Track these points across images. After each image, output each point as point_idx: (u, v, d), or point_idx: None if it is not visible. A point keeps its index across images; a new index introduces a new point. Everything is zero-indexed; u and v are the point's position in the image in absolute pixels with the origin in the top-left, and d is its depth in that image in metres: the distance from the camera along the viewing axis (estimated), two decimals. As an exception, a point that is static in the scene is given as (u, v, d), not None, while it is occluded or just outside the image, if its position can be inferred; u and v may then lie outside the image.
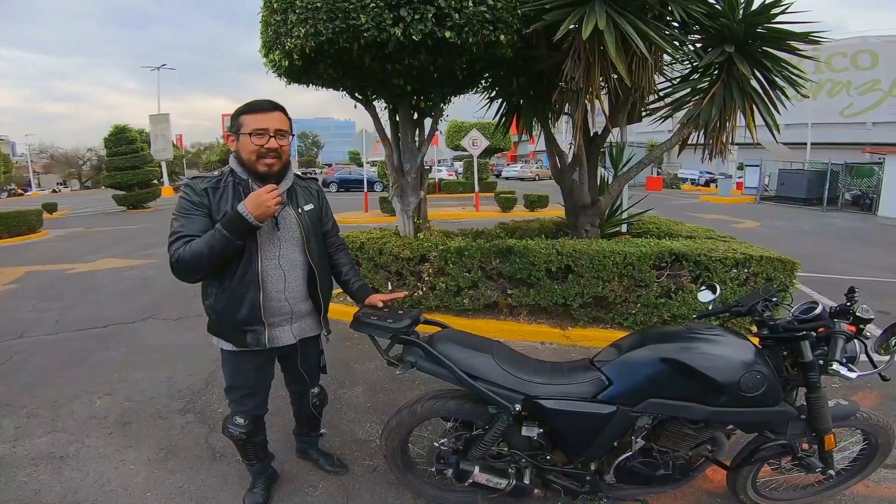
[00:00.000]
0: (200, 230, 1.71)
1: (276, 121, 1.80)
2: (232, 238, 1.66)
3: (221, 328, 1.92)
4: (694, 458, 1.93)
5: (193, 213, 1.74)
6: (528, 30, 3.65)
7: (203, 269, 1.73)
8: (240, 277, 1.81)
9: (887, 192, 15.23)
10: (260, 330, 1.89)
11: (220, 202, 1.78)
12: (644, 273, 4.03)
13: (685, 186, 28.12)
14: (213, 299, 1.86)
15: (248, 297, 1.84)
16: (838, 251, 8.97)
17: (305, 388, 2.28)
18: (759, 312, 1.85)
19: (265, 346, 1.92)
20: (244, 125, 1.77)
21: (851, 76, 24.86)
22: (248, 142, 1.77)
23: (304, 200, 2.00)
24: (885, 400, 3.17)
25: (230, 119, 1.84)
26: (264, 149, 1.78)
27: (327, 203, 2.19)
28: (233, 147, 1.85)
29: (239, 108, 1.81)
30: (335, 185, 27.08)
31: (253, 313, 1.86)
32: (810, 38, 3.81)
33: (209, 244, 1.66)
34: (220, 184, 1.81)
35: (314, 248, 1.99)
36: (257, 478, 2.28)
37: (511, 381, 1.79)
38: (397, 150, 4.95)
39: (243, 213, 1.64)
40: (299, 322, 2.03)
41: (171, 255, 1.69)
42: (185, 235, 1.69)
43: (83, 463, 2.60)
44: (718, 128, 4.09)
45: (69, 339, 4.52)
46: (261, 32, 3.89)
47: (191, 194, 1.77)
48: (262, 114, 1.78)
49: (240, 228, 1.66)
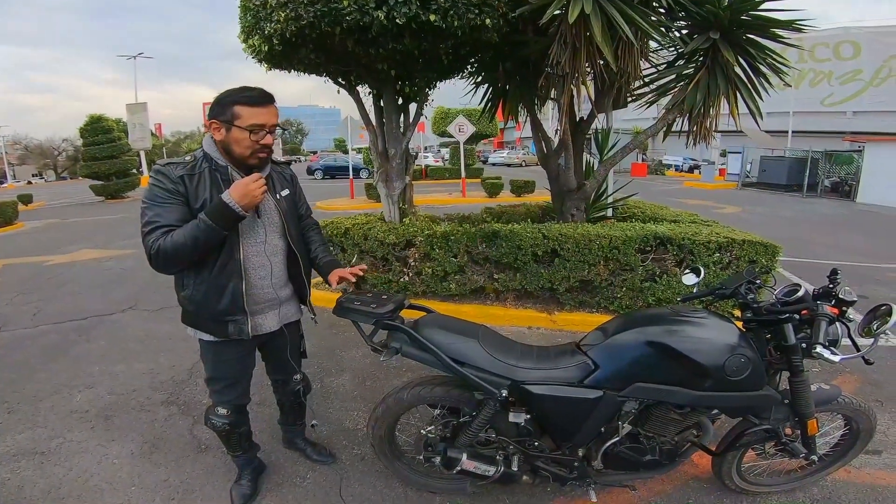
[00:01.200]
0: (178, 219, 1.64)
1: (273, 115, 1.74)
2: (217, 228, 1.61)
3: (199, 319, 1.86)
4: (680, 444, 1.95)
5: (169, 201, 1.65)
6: (515, 14, 3.60)
7: (185, 261, 1.68)
8: (221, 267, 1.76)
9: (866, 180, 15.56)
10: (242, 319, 1.85)
11: (197, 189, 1.70)
12: (629, 257, 4.06)
13: (669, 172, 28.36)
14: (191, 290, 1.79)
15: (229, 287, 1.78)
16: (818, 236, 9.14)
17: (288, 376, 2.26)
18: (742, 295, 1.85)
19: (248, 336, 1.87)
20: (240, 118, 1.67)
21: (833, 66, 25.18)
22: (244, 137, 1.69)
23: (280, 186, 1.96)
24: (865, 384, 3.23)
25: (216, 105, 1.71)
26: (260, 144, 1.73)
27: (300, 187, 2.16)
28: (218, 136, 1.73)
29: (231, 96, 1.69)
30: (321, 172, 26.84)
31: (235, 303, 1.81)
32: (794, 25, 3.83)
33: (193, 235, 1.60)
34: (195, 170, 1.72)
35: (294, 233, 1.97)
36: (244, 469, 2.25)
37: (497, 366, 1.78)
38: (382, 135, 4.89)
39: (229, 202, 1.60)
40: (282, 308, 2.01)
41: (149, 246, 1.61)
42: (162, 225, 1.62)
43: (66, 458, 2.55)
44: (702, 114, 4.11)
45: (48, 333, 4.42)
46: (240, 17, 3.79)
47: (164, 181, 1.67)
48: (261, 108, 1.70)
49: (226, 218, 1.62)
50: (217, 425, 2.04)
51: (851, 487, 2.23)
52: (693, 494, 2.19)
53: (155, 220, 1.63)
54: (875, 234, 9.57)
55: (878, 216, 12.42)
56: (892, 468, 2.37)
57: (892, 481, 2.27)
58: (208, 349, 1.95)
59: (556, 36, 3.58)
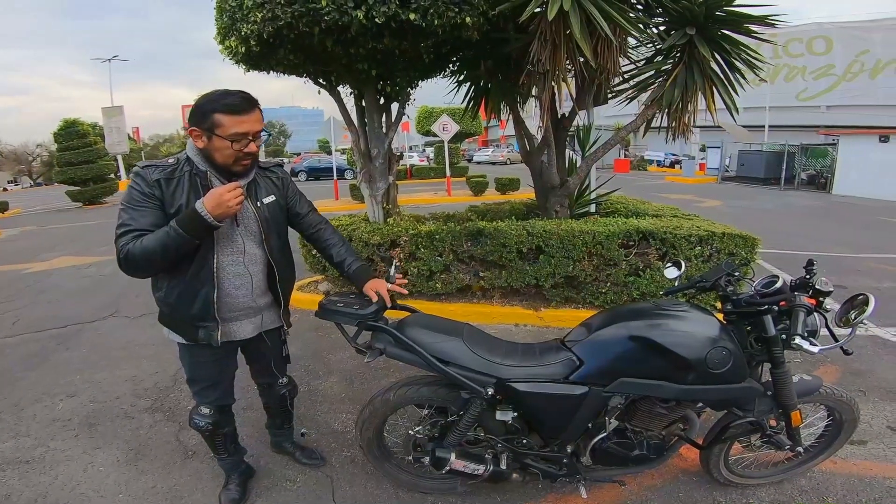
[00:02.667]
0: (151, 224, 1.60)
1: (256, 121, 1.66)
2: (188, 237, 1.56)
3: (172, 321, 1.84)
4: (667, 438, 1.97)
5: (144, 205, 1.61)
6: (495, 11, 3.60)
7: (155, 267, 1.64)
8: (194, 274, 1.72)
9: (841, 172, 15.95)
10: (212, 326, 1.81)
11: (174, 194, 1.65)
12: (613, 252, 4.10)
13: (651, 168, 28.71)
14: (164, 293, 1.77)
15: (201, 293, 1.75)
16: (796, 228, 9.34)
17: (273, 380, 2.24)
18: (722, 287, 1.88)
19: (217, 343, 1.83)
20: (221, 127, 1.60)
21: (807, 61, 25.75)
22: (225, 146, 1.63)
23: (264, 192, 1.88)
24: (846, 375, 3.28)
25: (195, 111, 1.64)
26: (244, 153, 1.67)
27: (294, 187, 2.06)
28: (199, 144, 1.67)
29: (211, 103, 1.61)
30: (304, 173, 26.60)
31: (206, 310, 1.77)
32: (767, 20, 3.90)
33: (162, 242, 1.55)
34: (174, 173, 1.67)
35: (274, 243, 1.89)
36: (230, 473, 2.23)
37: (482, 364, 1.79)
38: (364, 135, 4.86)
39: (202, 212, 1.53)
40: (259, 316, 1.96)
41: (119, 250, 1.57)
42: (134, 229, 1.58)
43: (50, 466, 2.52)
44: (680, 109, 4.16)
45: (28, 341, 4.32)
46: (216, 19, 3.73)
47: (141, 184, 1.63)
48: (244, 115, 1.62)
49: (197, 227, 1.55)
50: (200, 425, 2.02)
51: (839, 478, 2.27)
52: (682, 488, 2.22)
53: (128, 224, 1.59)
54: (851, 224, 9.80)
55: (853, 207, 12.72)
56: (877, 458, 2.41)
57: (879, 471, 2.31)
58: (184, 351, 1.93)
59: (537, 33, 3.59)
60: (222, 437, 2.10)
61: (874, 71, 23.56)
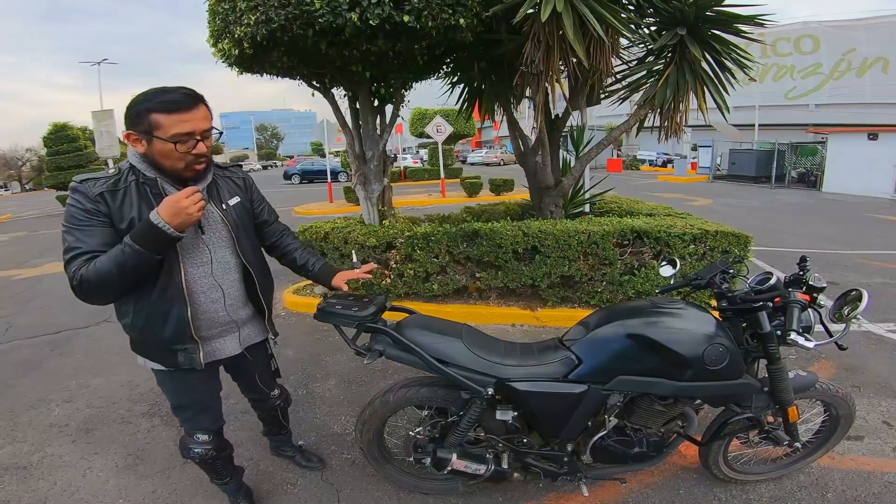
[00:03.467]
0: (102, 244, 1.42)
1: (202, 119, 1.48)
2: (146, 253, 1.38)
3: (145, 348, 1.68)
4: (666, 435, 1.99)
5: (89, 223, 1.43)
6: (488, 13, 3.63)
7: (114, 291, 1.46)
8: (160, 292, 1.55)
9: (830, 170, 16.11)
10: (193, 348, 1.65)
11: (122, 208, 1.47)
12: (608, 251, 4.12)
13: (644, 167, 28.89)
14: (131, 318, 1.59)
15: (172, 313, 1.58)
16: (787, 225, 9.42)
17: (263, 395, 2.15)
18: (717, 285, 1.90)
19: (200, 366, 1.68)
20: (160, 128, 1.42)
21: (795, 60, 26.01)
22: (169, 150, 1.45)
23: (227, 194, 1.73)
24: (842, 370, 3.32)
25: (129, 113, 1.45)
26: (193, 155, 1.50)
27: (258, 191, 1.93)
28: (139, 149, 1.48)
29: (146, 102, 1.43)
30: (298, 176, 26.51)
31: (181, 331, 1.61)
32: (756, 20, 3.95)
33: (118, 262, 1.37)
34: (118, 185, 1.48)
35: (247, 247, 1.76)
36: (237, 496, 2.14)
37: (482, 364, 1.79)
38: (358, 137, 4.86)
39: (158, 223, 1.36)
40: (242, 330, 1.83)
41: (71, 276, 1.39)
42: (84, 252, 1.40)
43: (48, 472, 2.52)
44: (672, 109, 4.20)
45: (20, 348, 4.29)
46: (208, 21, 3.72)
47: (82, 201, 1.44)
48: (185, 113, 1.44)
49: (155, 241, 1.38)
50: (201, 454, 1.86)
51: (837, 473, 2.29)
52: (683, 485, 2.24)
53: (75, 247, 1.41)
54: (841, 221, 9.91)
55: (843, 204, 12.86)
56: (874, 453, 2.44)
57: (877, 466, 2.33)
58: (165, 378, 1.76)
59: (530, 35, 3.61)
60: (223, 461, 1.98)
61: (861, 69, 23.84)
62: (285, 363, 3.64)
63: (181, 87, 1.48)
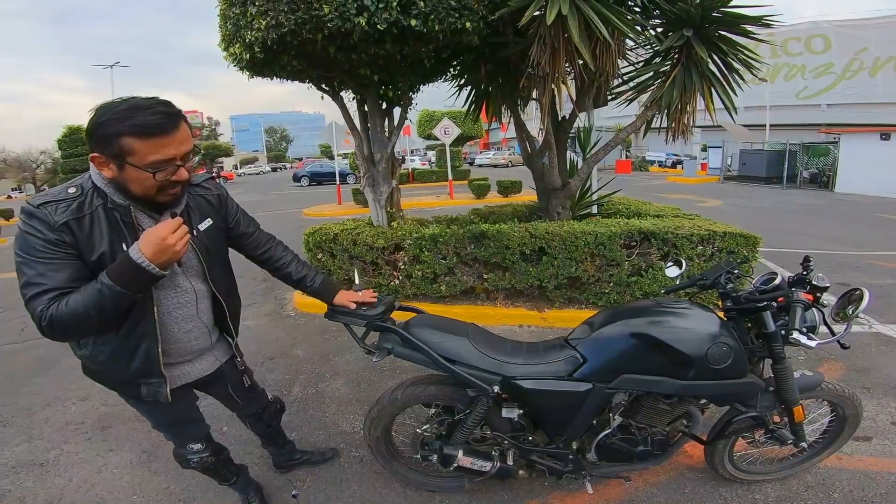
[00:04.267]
0: (70, 279, 1.25)
1: (183, 140, 1.30)
2: (128, 293, 1.23)
3: (102, 379, 1.56)
4: (671, 434, 2.00)
5: (53, 256, 1.25)
6: (494, 16, 3.66)
7: (91, 330, 1.34)
8: (130, 328, 1.43)
9: (842, 170, 15.95)
10: (158, 382, 1.53)
11: (91, 238, 1.29)
12: (615, 252, 4.13)
13: (653, 168, 28.73)
14: (91, 350, 1.45)
15: (140, 349, 1.46)
16: (798, 226, 9.34)
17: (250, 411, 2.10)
18: (722, 285, 1.91)
19: (165, 399, 1.55)
20: (135, 154, 1.23)
21: (806, 60, 25.74)
22: (144, 177, 1.27)
23: (199, 217, 1.56)
24: (851, 372, 3.30)
25: (94, 132, 1.25)
26: (171, 181, 1.33)
27: (233, 204, 1.76)
28: (107, 174, 1.29)
29: (115, 123, 1.21)
30: (307, 178, 26.71)
31: (148, 366, 1.49)
32: (763, 21, 3.94)
33: (97, 304, 1.21)
34: (83, 210, 1.30)
35: (218, 274, 1.64)
36: (247, 493, 2.16)
37: (488, 362, 1.82)
38: (367, 140, 4.92)
39: (142, 262, 1.20)
40: (209, 354, 1.74)
41: (38, 315, 1.22)
42: (49, 289, 1.23)
43: (65, 469, 2.57)
44: (680, 110, 4.21)
45: (36, 347, 4.37)
46: (219, 26, 3.79)
47: (43, 231, 1.25)
48: (163, 137, 1.25)
49: (138, 282, 1.24)
50: (199, 461, 1.82)
51: (844, 474, 2.28)
52: (688, 484, 2.25)
53: (38, 283, 1.23)
54: (851, 222, 9.81)
55: (854, 205, 12.72)
56: (882, 454, 2.43)
57: (884, 467, 2.33)
58: (134, 404, 1.66)
59: (536, 37, 3.64)
60: (223, 462, 1.96)
61: (873, 69, 23.52)
62: (295, 362, 3.71)
63: (156, 100, 1.27)
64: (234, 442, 2.62)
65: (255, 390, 2.05)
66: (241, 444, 2.61)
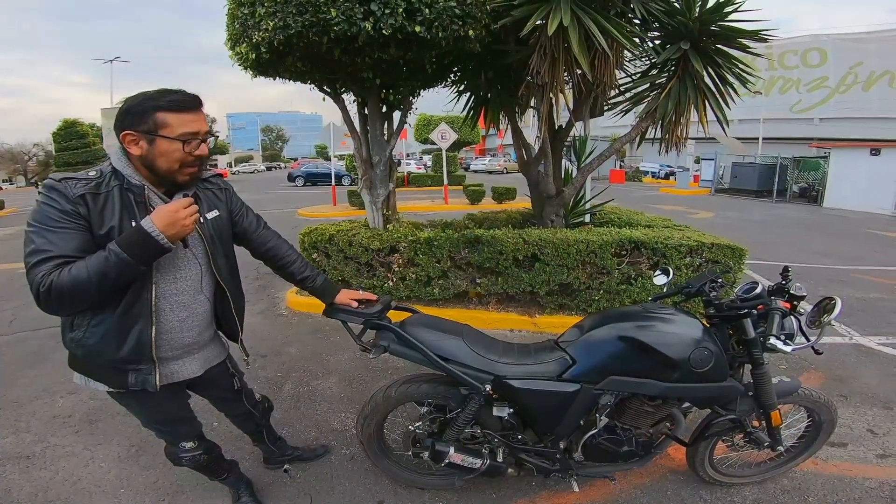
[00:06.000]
0: (78, 249, 1.31)
1: (204, 121, 1.48)
2: (133, 263, 1.29)
3: (89, 366, 1.55)
4: (655, 435, 2.07)
5: (65, 226, 1.32)
6: (497, 25, 3.73)
7: (86, 302, 1.35)
8: (126, 308, 1.45)
9: (832, 185, 16.18)
10: (148, 369, 1.54)
11: (103, 213, 1.37)
12: (606, 260, 4.20)
13: (646, 179, 29.00)
14: (83, 332, 1.46)
15: (133, 331, 1.48)
16: (786, 240, 9.49)
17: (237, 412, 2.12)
18: (706, 293, 1.99)
19: (154, 388, 1.56)
20: (168, 126, 1.38)
21: (801, 73, 26.03)
22: (174, 149, 1.40)
23: (206, 206, 1.64)
24: (829, 380, 3.40)
25: (129, 113, 1.39)
26: (194, 156, 1.45)
27: (238, 199, 1.83)
28: (136, 151, 1.40)
29: (151, 100, 1.38)
30: (302, 178, 26.66)
31: (140, 351, 1.50)
32: (759, 36, 4.04)
33: (100, 270, 1.27)
34: (100, 188, 1.39)
35: (222, 265, 1.68)
36: (238, 487, 2.18)
37: (481, 362, 1.88)
38: (366, 142, 4.96)
39: (152, 231, 1.29)
40: (203, 351, 1.75)
41: (37, 282, 1.26)
42: (56, 256, 1.28)
43: (51, 462, 2.56)
44: (674, 122, 4.30)
45: (25, 339, 4.36)
46: (227, 25, 3.83)
47: (60, 201, 1.33)
48: (192, 113, 1.42)
49: (147, 250, 1.31)
50: (192, 459, 1.83)
51: (819, 478, 2.37)
52: (670, 486, 2.32)
53: (45, 249, 1.28)
54: (838, 236, 9.99)
55: (841, 219, 12.94)
56: (857, 460, 2.52)
57: (859, 472, 2.41)
58: (123, 399, 1.66)
59: (536, 46, 3.71)
60: (215, 459, 1.97)
61: (868, 83, 23.77)
62: (287, 361, 3.73)
63: (183, 90, 1.45)
64: (225, 437, 2.63)
65: (243, 392, 2.06)
66: (231, 440, 2.62)
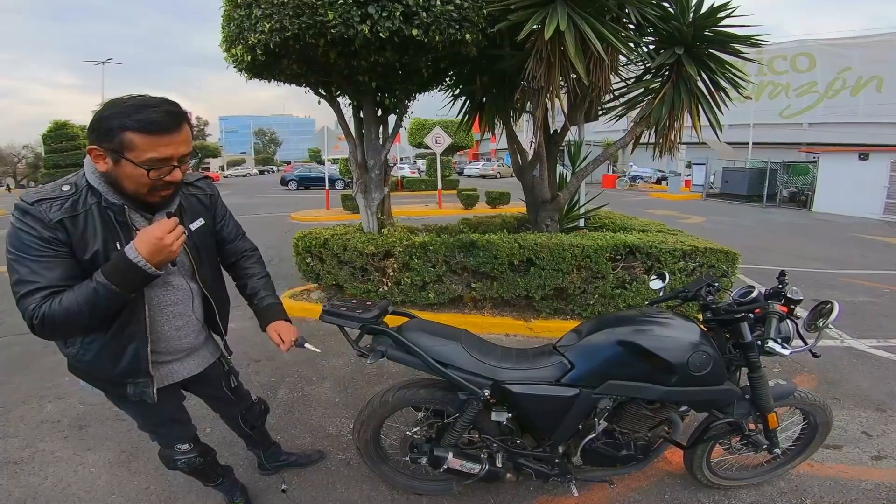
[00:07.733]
0: (63, 277, 1.26)
1: (183, 142, 1.31)
2: (122, 293, 1.26)
3: (89, 378, 1.56)
4: (653, 439, 2.07)
5: (46, 254, 1.25)
6: (493, 29, 3.75)
7: (84, 327, 1.34)
8: (119, 328, 1.43)
9: (821, 189, 16.38)
10: (145, 382, 1.52)
11: (84, 237, 1.30)
12: (601, 265, 4.21)
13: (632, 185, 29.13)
14: (78, 349, 1.45)
15: (129, 350, 1.46)
16: (776, 244, 9.58)
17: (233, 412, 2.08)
18: (702, 297, 2.00)
19: (152, 399, 1.54)
20: (134, 150, 1.24)
21: (790, 78, 26.25)
22: (139, 174, 1.27)
23: (191, 216, 1.57)
24: (823, 383, 3.43)
25: (97, 125, 1.25)
26: (164, 182, 1.33)
27: (223, 205, 1.78)
28: (101, 167, 1.29)
29: (120, 117, 1.22)
30: (295, 182, 26.57)
31: (136, 366, 1.49)
32: (752, 40, 4.09)
33: (90, 301, 1.23)
34: (77, 208, 1.30)
35: (207, 274, 1.65)
36: (232, 494, 2.15)
37: (479, 367, 1.86)
38: (361, 146, 4.95)
39: (138, 261, 1.23)
40: (197, 354, 1.74)
41: (30, 314, 1.22)
42: (43, 287, 1.23)
43: (40, 467, 2.52)
44: (668, 126, 4.33)
45: (12, 344, 4.28)
46: (222, 27, 3.82)
47: (37, 228, 1.25)
48: (165, 136, 1.26)
49: (133, 281, 1.26)
50: (188, 462, 1.81)
51: (816, 480, 2.38)
52: (668, 490, 2.32)
53: (32, 280, 1.24)
54: (827, 241, 10.11)
55: (830, 224, 13.10)
56: (853, 461, 2.54)
57: (854, 474, 2.43)
58: (119, 403, 1.66)
59: (532, 51, 3.73)
60: (210, 463, 1.94)
61: (856, 88, 23.91)
62: (281, 365, 3.70)
63: (163, 100, 1.29)
64: (219, 443, 2.59)
65: (240, 391, 2.04)
66: (225, 446, 2.59)
